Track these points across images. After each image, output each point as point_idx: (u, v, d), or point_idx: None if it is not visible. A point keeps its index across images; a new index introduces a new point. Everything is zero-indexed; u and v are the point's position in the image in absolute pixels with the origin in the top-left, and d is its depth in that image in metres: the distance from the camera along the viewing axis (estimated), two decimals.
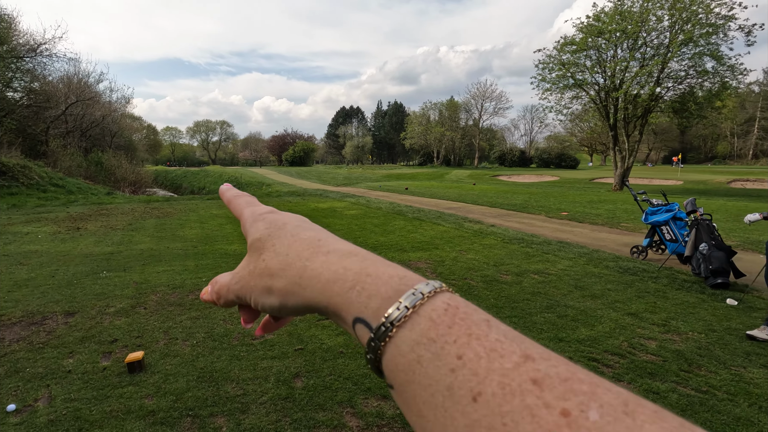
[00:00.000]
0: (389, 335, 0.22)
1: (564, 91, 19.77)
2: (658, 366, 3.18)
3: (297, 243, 0.29)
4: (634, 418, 0.15)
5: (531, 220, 10.57)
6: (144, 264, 6.22)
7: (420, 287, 0.23)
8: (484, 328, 0.20)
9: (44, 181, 18.35)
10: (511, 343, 0.19)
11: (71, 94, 31.05)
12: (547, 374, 0.17)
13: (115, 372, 3.11)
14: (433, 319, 0.21)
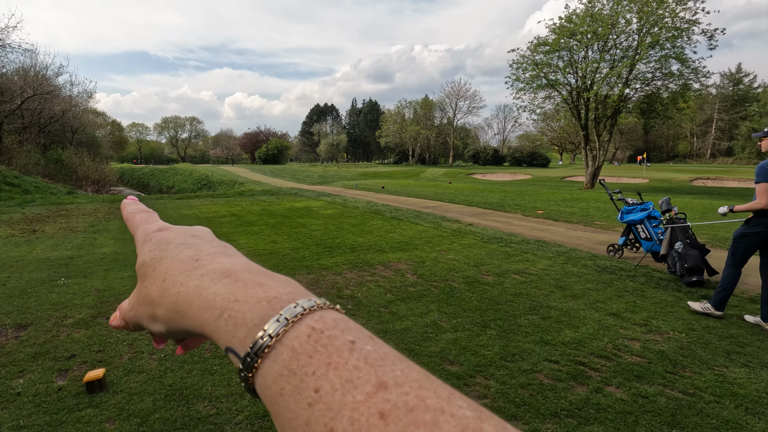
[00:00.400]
0: (255, 366, 0.21)
1: (537, 91, 20.11)
2: (644, 368, 3.16)
3: (174, 265, 0.27)
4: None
5: (508, 219, 10.64)
6: (107, 269, 5.83)
7: (286, 311, 0.22)
8: (345, 354, 0.20)
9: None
10: (369, 369, 0.19)
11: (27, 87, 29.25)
12: (395, 405, 0.17)
13: (72, 393, 2.82)
14: (295, 348, 0.20)
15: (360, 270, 5.86)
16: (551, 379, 3.01)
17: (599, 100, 18.51)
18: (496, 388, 2.88)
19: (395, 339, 3.64)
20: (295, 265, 6.08)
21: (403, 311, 4.31)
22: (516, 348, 3.48)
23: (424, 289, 5.00)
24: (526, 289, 5.03)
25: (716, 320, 4.10)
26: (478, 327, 3.91)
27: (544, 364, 3.22)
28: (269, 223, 9.86)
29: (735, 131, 64.69)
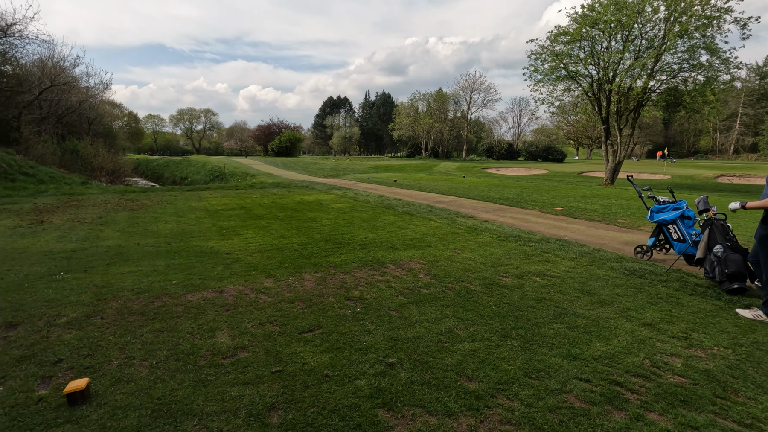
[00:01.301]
0: None
1: (556, 82, 19.41)
2: (690, 391, 2.78)
3: None
4: None
5: (525, 216, 10.20)
6: (108, 264, 5.63)
7: None
8: None
9: (12, 169, 17.33)
10: None
11: (45, 78, 29.50)
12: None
13: (53, 404, 2.57)
14: None
15: (370, 269, 5.55)
16: (583, 401, 2.66)
17: (622, 93, 17.77)
18: (521, 412, 2.54)
19: (407, 349, 3.32)
20: (303, 262, 5.80)
21: (415, 316, 3.98)
22: (541, 362, 3.13)
23: (438, 292, 4.67)
24: (549, 293, 4.66)
25: (766, 334, 3.68)
26: (498, 336, 3.57)
27: (575, 383, 2.87)
28: (278, 217, 9.61)
29: (761, 126, 62.37)
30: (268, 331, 3.64)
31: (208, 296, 4.46)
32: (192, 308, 4.12)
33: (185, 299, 4.36)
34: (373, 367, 3.06)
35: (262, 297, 4.46)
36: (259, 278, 5.09)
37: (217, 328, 3.68)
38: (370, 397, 2.68)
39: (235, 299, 4.38)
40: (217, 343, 3.41)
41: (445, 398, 2.67)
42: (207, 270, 5.40)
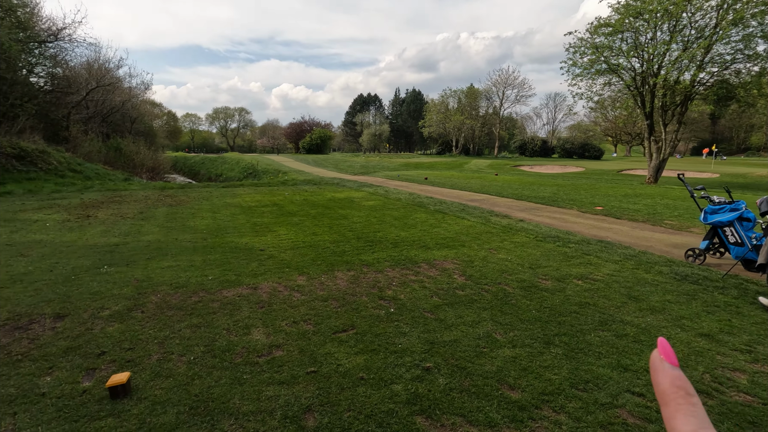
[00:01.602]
0: None
1: (596, 76, 18.59)
2: (759, 412, 2.53)
3: None
4: None
5: (563, 215, 9.81)
6: (149, 258, 5.79)
7: None
8: None
9: (62, 166, 18.31)
10: None
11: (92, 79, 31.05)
12: None
13: (96, 397, 2.63)
14: None
15: (403, 268, 5.45)
16: (638, 418, 2.46)
17: (668, 86, 16.81)
18: (569, 426, 2.38)
19: (444, 353, 3.21)
20: (335, 260, 5.77)
21: (451, 318, 3.86)
22: (589, 373, 2.94)
23: (474, 293, 4.52)
24: (593, 298, 4.41)
25: None
26: (540, 343, 3.39)
27: (626, 396, 2.67)
28: (310, 214, 9.66)
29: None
30: (302, 330, 3.61)
31: (243, 292, 4.49)
32: (227, 304, 4.15)
33: (221, 295, 4.41)
34: (410, 371, 2.96)
35: (296, 295, 4.45)
36: (292, 275, 5.10)
37: (252, 325, 3.69)
38: (407, 403, 2.59)
39: (269, 296, 4.39)
40: (253, 340, 3.40)
41: (486, 407, 2.55)
42: (241, 266, 5.46)
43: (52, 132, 25.51)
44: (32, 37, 23.03)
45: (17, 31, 20.71)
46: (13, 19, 21.28)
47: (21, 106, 21.22)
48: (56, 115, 26.87)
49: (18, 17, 21.95)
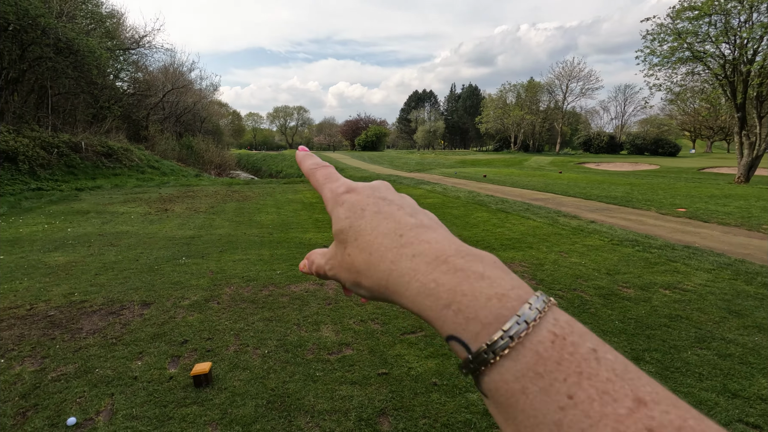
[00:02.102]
0: (491, 362, 0.22)
1: (677, 65, 16.97)
2: None
3: (379, 239, 0.28)
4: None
5: (639, 217, 9.06)
6: (221, 251, 6.09)
7: (524, 313, 0.22)
8: (593, 364, 0.20)
9: (143, 163, 19.94)
10: (623, 383, 0.19)
11: (168, 82, 33.57)
12: (661, 423, 0.18)
13: (181, 384, 2.76)
14: (540, 353, 0.21)
15: None
16: None
17: (765, 74, 14.96)
18: None
19: None
20: None
21: None
22: (690, 396, 2.63)
23: None
24: (685, 310, 3.98)
25: None
26: (628, 358, 3.08)
27: (740, 427, 2.35)
28: None
29: None
30: (369, 329, 3.58)
31: (310, 288, 4.57)
32: (296, 299, 4.24)
33: (289, 290, 4.51)
34: None
35: None
36: None
37: (321, 321, 3.72)
38: (485, 414, 2.46)
39: (336, 293, 4.42)
40: (322, 337, 3.43)
41: None
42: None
43: (133, 131, 27.91)
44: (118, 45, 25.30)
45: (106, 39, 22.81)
46: (103, 29, 23.49)
47: (108, 108, 23.39)
48: (137, 116, 29.34)
49: (107, 27, 24.19)
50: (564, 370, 0.20)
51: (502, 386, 0.22)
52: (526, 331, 0.22)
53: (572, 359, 0.20)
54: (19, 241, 6.65)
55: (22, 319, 3.75)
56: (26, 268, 5.26)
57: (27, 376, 2.84)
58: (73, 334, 3.47)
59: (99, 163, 17.37)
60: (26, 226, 7.75)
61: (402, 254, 0.27)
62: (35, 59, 16.54)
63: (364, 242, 0.29)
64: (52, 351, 3.19)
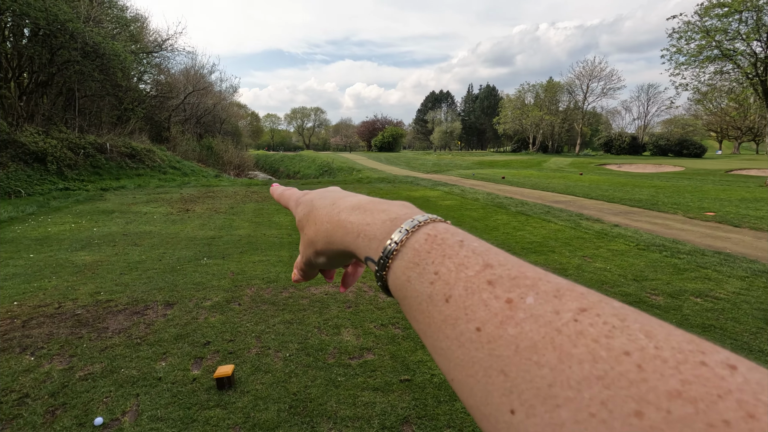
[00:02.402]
0: (387, 265, 0.28)
1: (705, 64, 16.45)
2: None
3: (320, 211, 0.36)
4: (560, 299, 0.20)
5: (666, 221, 8.79)
6: (241, 252, 6.14)
7: (406, 224, 0.28)
8: (456, 248, 0.25)
9: (165, 163, 20.36)
10: (476, 256, 0.24)
11: (189, 84, 34.25)
12: (500, 276, 0.22)
13: (204, 386, 2.77)
14: (416, 248, 0.27)
15: None
16: None
17: None
18: None
19: None
20: None
21: None
22: None
23: None
24: (719, 320, 3.83)
25: None
26: None
27: None
28: None
29: None
30: (390, 333, 3.54)
31: (330, 291, 4.55)
32: (316, 302, 4.23)
33: (309, 292, 4.51)
34: None
35: (381, 296, 4.41)
36: None
37: (341, 325, 3.70)
38: None
39: (356, 296, 4.39)
40: (343, 341, 3.41)
41: None
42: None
43: (156, 133, 28.55)
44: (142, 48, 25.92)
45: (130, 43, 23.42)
46: (127, 33, 24.10)
47: (132, 110, 23.99)
48: (159, 118, 30.01)
49: (131, 31, 24.83)
50: (433, 257, 0.25)
51: (396, 282, 0.27)
52: (407, 236, 0.28)
53: (440, 248, 0.26)
54: (48, 239, 6.85)
55: (51, 318, 3.84)
56: (54, 266, 5.40)
57: (56, 375, 2.90)
58: (99, 333, 3.53)
59: (123, 164, 17.81)
60: (54, 225, 7.98)
61: (333, 214, 0.35)
62: (63, 63, 17.07)
63: (312, 218, 0.37)
64: (79, 350, 3.25)
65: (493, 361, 0.20)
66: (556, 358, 0.18)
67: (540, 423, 0.17)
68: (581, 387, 0.17)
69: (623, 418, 0.15)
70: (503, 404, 0.19)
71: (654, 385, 0.15)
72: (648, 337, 0.17)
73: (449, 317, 0.23)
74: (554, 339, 0.19)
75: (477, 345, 0.21)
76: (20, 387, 2.76)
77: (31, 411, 2.52)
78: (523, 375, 0.19)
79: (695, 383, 0.15)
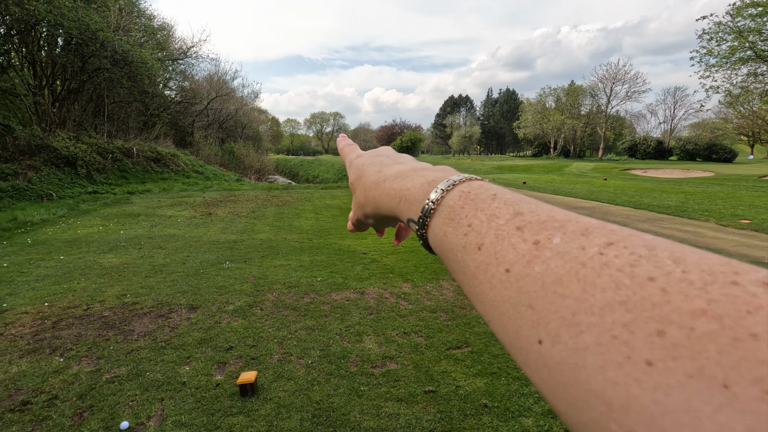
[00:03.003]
0: (426, 224, 0.30)
1: (737, 66, 15.86)
2: None
3: (369, 180, 0.38)
4: (588, 236, 0.21)
5: (697, 228, 8.45)
6: (263, 256, 6.17)
7: (441, 185, 0.30)
8: (488, 201, 0.26)
9: (188, 168, 20.80)
10: (508, 206, 0.25)
11: (212, 90, 35.02)
12: (529, 221, 0.23)
13: (227, 392, 2.76)
14: (451, 205, 0.28)
15: None
16: None
17: None
18: None
19: None
20: (438, 268, 5.58)
21: None
22: None
23: None
24: None
25: None
26: None
27: None
28: None
29: None
30: (413, 342, 3.48)
31: (351, 296, 4.52)
32: (337, 308, 4.20)
33: (330, 297, 4.49)
34: (538, 403, 2.65)
35: (403, 303, 4.35)
36: (396, 282, 5.03)
37: (363, 332, 3.66)
38: None
39: (377, 302, 4.35)
40: (365, 349, 3.36)
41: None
42: (347, 269, 5.54)
43: (180, 137, 29.23)
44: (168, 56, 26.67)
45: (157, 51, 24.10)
46: (154, 41, 24.84)
47: (158, 115, 24.65)
48: (183, 123, 30.73)
49: (158, 39, 25.57)
50: (466, 212, 0.27)
51: (434, 238, 0.29)
52: (442, 195, 0.29)
53: (473, 203, 0.27)
54: (77, 241, 7.04)
55: (80, 319, 3.92)
56: (83, 268, 5.54)
57: (84, 377, 2.94)
58: (125, 336, 3.58)
59: (148, 168, 18.27)
60: (83, 228, 8.21)
61: (379, 182, 0.37)
62: (94, 70, 17.67)
63: (362, 184, 0.39)
64: (106, 352, 3.30)
65: (522, 297, 0.21)
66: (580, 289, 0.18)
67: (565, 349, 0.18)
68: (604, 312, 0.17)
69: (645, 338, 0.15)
70: (531, 336, 0.20)
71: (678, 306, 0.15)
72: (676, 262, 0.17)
73: (482, 263, 0.24)
74: (578, 272, 0.19)
75: (506, 285, 0.22)
76: (50, 388, 2.81)
77: (60, 413, 2.55)
78: (549, 307, 0.19)
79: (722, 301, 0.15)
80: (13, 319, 3.94)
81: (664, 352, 0.15)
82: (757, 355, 0.13)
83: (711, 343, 0.14)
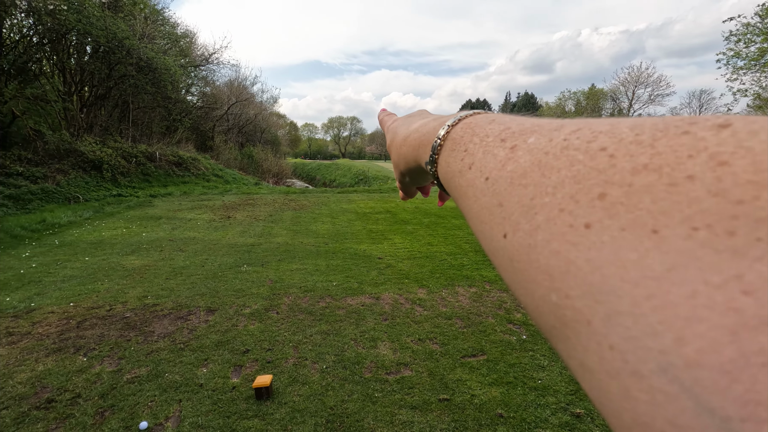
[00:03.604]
0: (436, 161, 0.30)
1: (766, 68, 15.33)
2: None
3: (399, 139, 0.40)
4: (560, 130, 0.20)
5: None
6: (280, 260, 6.24)
7: (449, 122, 0.30)
8: (484, 125, 0.26)
9: (208, 171, 21.22)
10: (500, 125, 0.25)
11: (232, 95, 35.72)
12: (513, 132, 0.23)
13: (243, 395, 2.80)
14: (454, 137, 0.29)
15: None
16: None
17: None
18: None
19: None
20: (454, 274, 5.54)
21: None
22: None
23: None
24: None
25: None
26: None
27: None
28: (423, 223, 9.58)
29: None
30: (428, 349, 3.46)
31: (366, 302, 4.53)
32: (352, 313, 4.21)
33: (345, 302, 4.50)
34: (555, 414, 2.60)
35: (418, 309, 4.34)
36: (412, 287, 5.01)
37: (377, 338, 3.65)
38: None
39: (392, 308, 4.34)
40: (380, 355, 3.36)
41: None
42: (362, 274, 5.55)
43: (200, 142, 29.87)
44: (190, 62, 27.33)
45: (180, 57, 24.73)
46: (177, 48, 25.50)
47: (180, 120, 25.26)
48: (204, 128, 31.41)
49: (181, 46, 26.25)
50: (465, 139, 0.27)
51: (442, 172, 0.29)
52: (448, 131, 0.30)
53: (472, 131, 0.27)
54: (102, 243, 7.25)
55: (103, 320, 4.03)
56: (107, 270, 5.70)
57: (106, 376, 3.02)
58: (146, 337, 3.67)
59: (170, 172, 18.72)
60: (108, 230, 8.45)
61: (406, 137, 0.38)
62: (120, 77, 18.25)
63: (395, 146, 0.41)
64: (127, 352, 3.38)
65: (494, 198, 0.21)
66: (540, 174, 0.18)
67: (522, 234, 0.18)
68: (556, 190, 0.17)
69: (587, 204, 0.15)
70: (499, 232, 0.20)
71: (621, 167, 0.15)
72: (632, 128, 0.16)
73: (471, 180, 0.24)
74: (541, 160, 0.19)
75: (485, 192, 0.22)
76: (73, 387, 2.90)
77: (83, 411, 2.63)
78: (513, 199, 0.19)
79: (665, 153, 0.14)
80: (41, 318, 4.08)
81: (602, 212, 0.15)
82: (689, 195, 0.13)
83: (647, 194, 0.14)
